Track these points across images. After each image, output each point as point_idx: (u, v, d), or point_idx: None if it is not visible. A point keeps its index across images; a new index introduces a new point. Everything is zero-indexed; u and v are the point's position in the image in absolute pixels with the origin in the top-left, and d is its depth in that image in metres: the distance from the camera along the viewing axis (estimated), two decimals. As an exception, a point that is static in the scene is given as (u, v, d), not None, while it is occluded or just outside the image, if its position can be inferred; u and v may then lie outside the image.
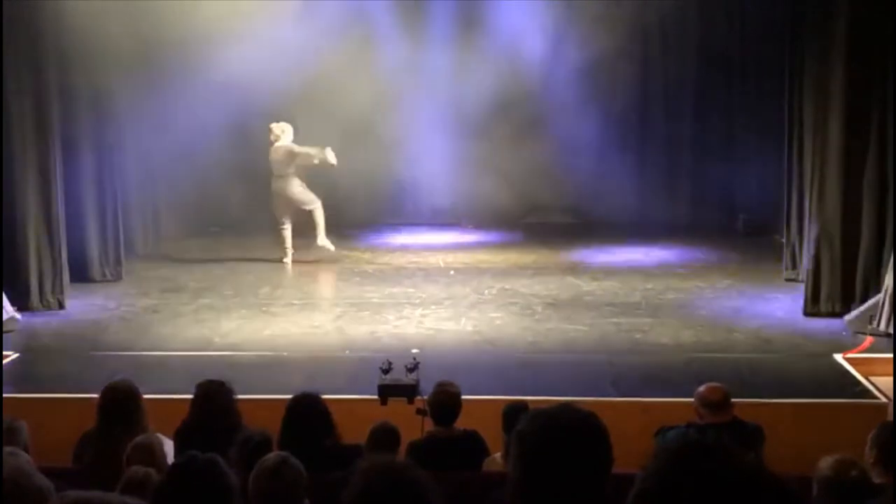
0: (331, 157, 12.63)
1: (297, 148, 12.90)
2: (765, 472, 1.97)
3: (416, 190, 15.61)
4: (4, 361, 8.85)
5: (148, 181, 14.48)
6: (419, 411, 6.56)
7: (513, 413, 5.66)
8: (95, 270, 12.14)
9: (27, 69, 10.57)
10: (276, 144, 12.94)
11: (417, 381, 7.09)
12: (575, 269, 12.71)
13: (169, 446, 5.43)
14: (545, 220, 15.73)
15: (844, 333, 9.65)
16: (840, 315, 10.02)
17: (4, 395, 6.87)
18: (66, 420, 6.76)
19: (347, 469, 3.67)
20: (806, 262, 10.65)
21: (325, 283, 12.15)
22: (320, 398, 5.77)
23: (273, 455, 4.23)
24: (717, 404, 5.92)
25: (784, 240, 12.10)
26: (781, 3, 12.09)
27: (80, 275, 11.80)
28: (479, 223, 15.22)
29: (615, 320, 10.27)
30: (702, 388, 6.03)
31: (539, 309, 10.75)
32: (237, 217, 15.49)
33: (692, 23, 15.68)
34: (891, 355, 8.27)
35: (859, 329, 9.63)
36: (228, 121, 15.30)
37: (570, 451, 2.41)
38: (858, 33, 9.92)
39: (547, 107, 15.39)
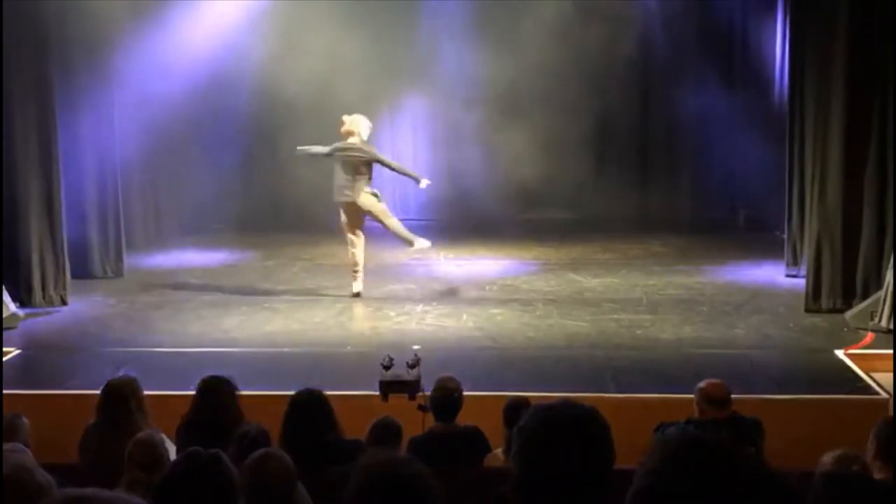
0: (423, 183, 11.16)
1: (382, 156, 11.01)
2: (764, 468, 1.98)
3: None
4: (6, 358, 8.85)
5: (148, 177, 14.50)
6: (420, 407, 6.58)
7: (514, 409, 5.67)
8: (97, 267, 12.16)
9: (28, 65, 10.57)
10: (353, 140, 10.86)
11: (419, 377, 7.10)
12: (575, 266, 12.72)
13: (170, 445, 5.43)
14: (545, 217, 15.75)
15: (845, 329, 9.66)
16: (841, 311, 10.02)
17: (6, 392, 6.88)
18: (67, 416, 6.76)
19: (349, 464, 3.68)
20: (806, 258, 10.65)
21: (326, 280, 12.13)
22: (322, 394, 5.78)
23: (259, 450, 4.22)
24: (719, 400, 5.91)
25: (785, 236, 12.10)
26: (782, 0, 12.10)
27: (82, 271, 11.82)
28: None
29: (616, 316, 10.27)
30: (703, 384, 6.01)
31: (540, 305, 10.75)
32: (238, 214, 15.52)
33: (693, 19, 15.67)
34: (891, 351, 8.28)
35: (860, 325, 9.63)
36: (229, 115, 15.37)
37: (571, 447, 2.42)
38: (859, 31, 9.92)
39: (546, 104, 15.38)
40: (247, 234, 14.82)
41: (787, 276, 11.72)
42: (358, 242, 11.04)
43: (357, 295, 11.06)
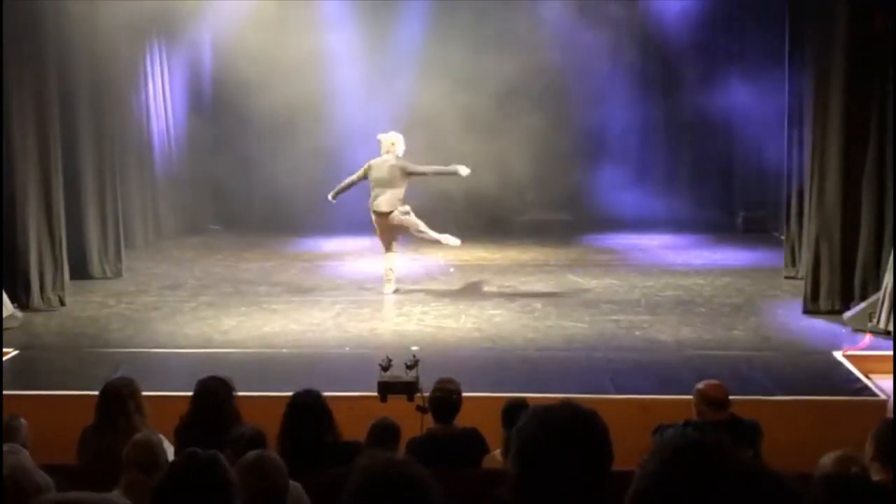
0: (463, 171, 11.19)
1: (413, 167, 11.13)
2: (763, 470, 1.98)
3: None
4: (4, 358, 8.84)
5: (148, 178, 14.50)
6: (419, 408, 6.57)
7: (512, 410, 5.66)
8: (95, 267, 12.16)
9: (27, 66, 10.56)
10: (387, 157, 11.09)
11: (417, 378, 7.09)
12: (574, 267, 12.72)
13: (168, 446, 5.42)
14: (543, 218, 15.75)
15: (844, 331, 9.66)
16: (839, 312, 10.02)
17: (4, 392, 6.87)
18: (65, 417, 6.76)
19: (347, 466, 3.68)
20: (804, 259, 10.66)
21: (325, 281, 12.13)
22: (320, 395, 5.77)
23: (254, 452, 4.21)
24: (718, 402, 5.91)
25: (784, 237, 12.10)
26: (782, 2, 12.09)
27: (81, 272, 11.81)
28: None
29: (614, 317, 10.27)
30: (701, 386, 6.01)
31: (538, 306, 10.75)
32: (237, 214, 15.53)
33: (693, 20, 15.68)
34: (890, 353, 8.27)
35: (858, 326, 9.63)
36: (229, 115, 15.38)
37: (569, 449, 2.41)
38: (859, 32, 9.92)
39: (544, 105, 15.38)
40: (245, 234, 14.82)
41: (786, 277, 11.73)
42: (392, 257, 11.26)
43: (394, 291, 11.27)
